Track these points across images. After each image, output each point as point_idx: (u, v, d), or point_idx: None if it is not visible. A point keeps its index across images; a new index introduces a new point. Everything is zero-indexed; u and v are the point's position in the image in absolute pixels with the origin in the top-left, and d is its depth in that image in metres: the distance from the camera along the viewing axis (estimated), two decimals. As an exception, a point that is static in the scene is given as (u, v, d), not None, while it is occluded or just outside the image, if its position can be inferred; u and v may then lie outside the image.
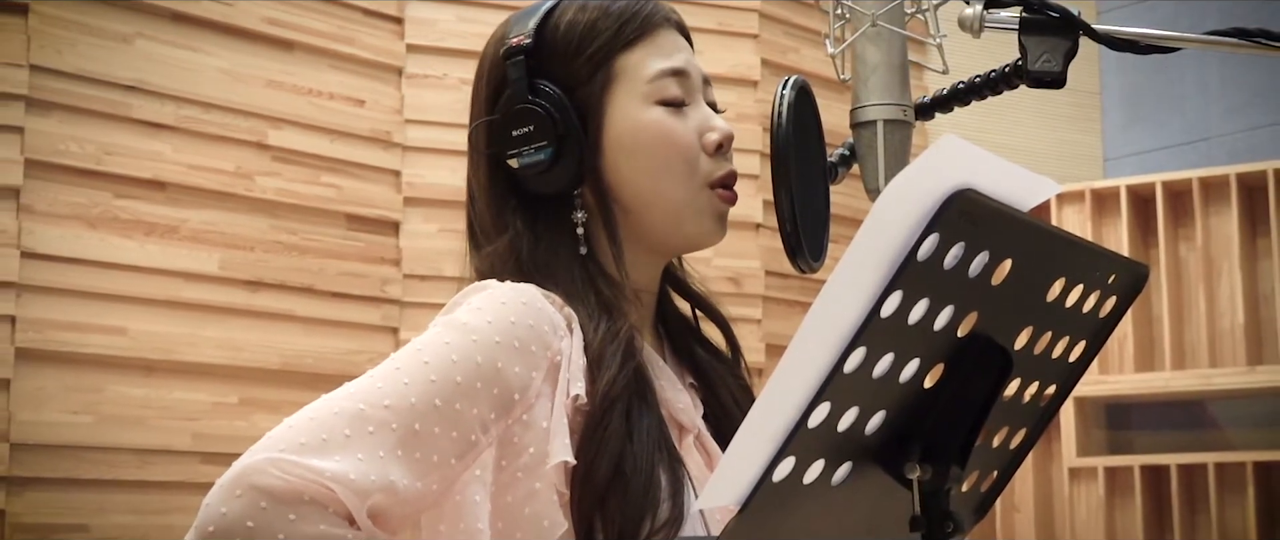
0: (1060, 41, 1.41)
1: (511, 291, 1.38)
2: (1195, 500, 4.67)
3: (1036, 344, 1.13)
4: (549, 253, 1.45)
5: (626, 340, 1.39)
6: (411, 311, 3.94)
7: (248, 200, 3.71)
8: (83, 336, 3.40)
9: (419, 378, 1.30)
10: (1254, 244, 4.75)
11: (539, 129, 1.44)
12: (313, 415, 1.27)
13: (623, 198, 1.47)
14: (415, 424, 1.28)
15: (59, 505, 3.32)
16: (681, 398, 1.47)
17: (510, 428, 1.33)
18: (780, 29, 4.67)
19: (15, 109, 3.34)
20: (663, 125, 1.47)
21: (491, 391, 1.32)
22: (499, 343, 1.33)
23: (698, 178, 1.47)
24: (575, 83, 1.47)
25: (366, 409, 1.27)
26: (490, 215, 1.49)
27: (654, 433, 1.37)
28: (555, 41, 1.48)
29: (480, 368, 1.31)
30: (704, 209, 1.48)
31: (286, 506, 1.21)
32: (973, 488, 1.20)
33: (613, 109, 1.47)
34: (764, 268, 4.44)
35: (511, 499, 1.33)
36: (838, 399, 1.00)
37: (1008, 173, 1.03)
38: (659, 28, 1.51)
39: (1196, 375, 4.68)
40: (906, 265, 0.98)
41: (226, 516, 1.21)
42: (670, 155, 1.46)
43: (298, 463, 1.22)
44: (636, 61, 1.48)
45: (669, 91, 1.48)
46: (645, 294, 1.52)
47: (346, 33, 3.93)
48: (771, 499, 1.01)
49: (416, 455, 1.27)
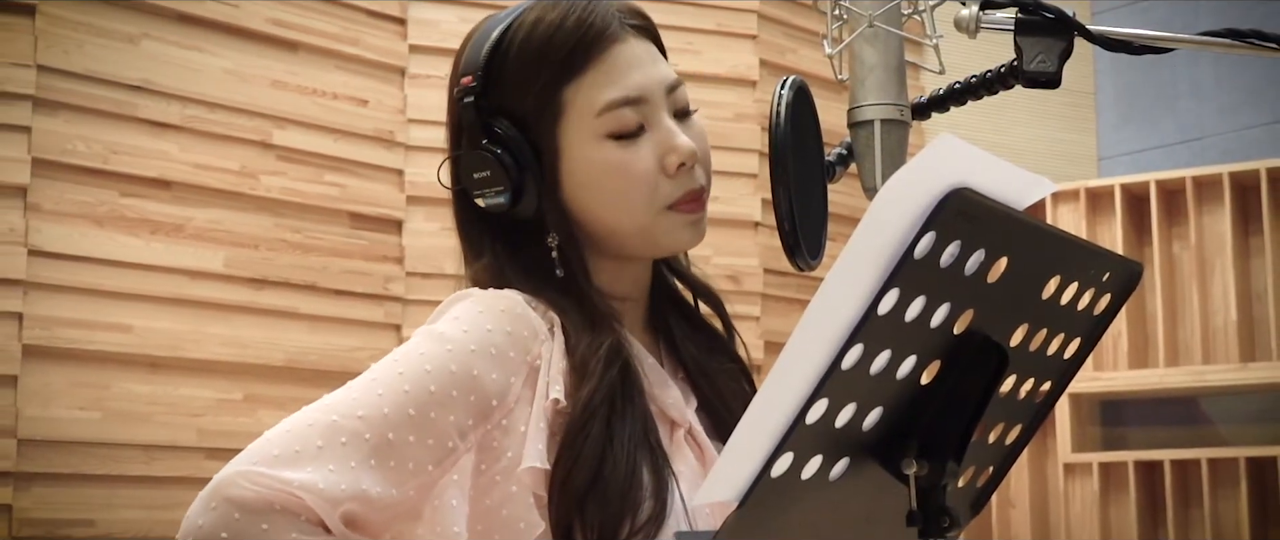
0: (1055, 42, 1.41)
1: (491, 299, 1.39)
2: (1189, 495, 4.67)
3: (1032, 341, 1.13)
4: (526, 274, 1.45)
5: (610, 351, 1.39)
6: (414, 308, 3.94)
7: (252, 199, 3.71)
8: (89, 333, 3.40)
9: (393, 388, 1.31)
10: (1247, 242, 4.75)
11: (494, 174, 1.43)
12: (288, 428, 1.29)
13: (587, 227, 1.46)
14: (389, 433, 1.29)
15: (66, 500, 3.32)
16: (672, 393, 1.47)
17: (489, 433, 1.34)
18: (779, 30, 4.67)
19: (23, 108, 3.34)
20: (614, 162, 1.42)
21: (468, 399, 1.33)
22: (474, 351, 1.34)
23: (657, 203, 1.44)
24: (525, 118, 1.44)
25: (340, 420, 1.29)
26: (468, 243, 1.50)
27: (637, 435, 1.37)
28: (504, 76, 1.44)
29: (455, 376, 1.33)
30: (670, 228, 1.45)
31: (258, 516, 1.23)
32: (969, 483, 1.20)
33: (565, 144, 1.43)
34: (763, 265, 4.44)
35: (490, 502, 1.34)
36: (835, 395, 1.00)
37: (1003, 172, 1.03)
38: (611, 46, 1.44)
39: (1190, 372, 4.68)
40: (903, 263, 0.98)
41: (203, 528, 1.23)
42: (626, 189, 1.43)
43: (267, 474, 1.25)
44: (587, 92, 1.42)
45: (621, 121, 1.42)
46: (632, 301, 1.52)
47: (350, 33, 3.93)
48: (770, 494, 1.01)
49: (391, 463, 1.29)
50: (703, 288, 1.61)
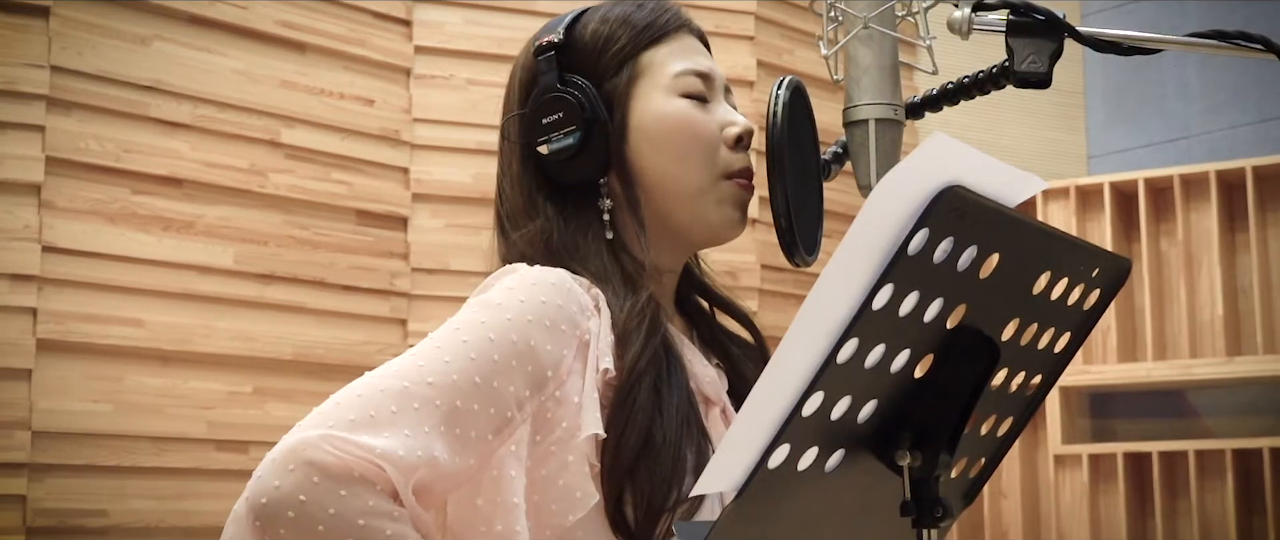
0: (1046, 43, 1.41)
1: (542, 274, 1.38)
2: (1176, 486, 4.67)
3: (1023, 335, 1.13)
4: (577, 236, 1.46)
5: (652, 316, 1.40)
6: (419, 303, 3.94)
7: (261, 196, 3.71)
8: (102, 328, 3.40)
9: (459, 356, 1.30)
10: (1233, 239, 4.75)
11: (567, 115, 1.46)
12: (360, 393, 1.27)
13: (646, 183, 1.47)
14: (457, 400, 1.28)
15: (79, 491, 3.32)
16: (708, 371, 1.48)
17: (544, 404, 1.33)
18: (776, 31, 4.67)
19: (37, 108, 3.34)
20: (685, 114, 1.47)
21: (526, 368, 1.32)
22: (531, 321, 1.33)
23: (717, 167, 1.47)
24: (602, 77, 1.48)
25: (411, 386, 1.27)
26: (521, 202, 1.50)
27: (682, 408, 1.38)
28: (584, 40, 1.49)
29: (515, 345, 1.32)
30: (724, 197, 1.48)
31: (337, 483, 1.21)
32: (961, 474, 1.20)
33: (637, 99, 1.48)
34: (760, 261, 4.44)
35: (546, 472, 1.33)
36: (831, 388, 1.00)
37: (995, 170, 1.03)
38: (683, 33, 1.52)
39: (1177, 366, 4.68)
40: (898, 259, 0.98)
41: (279, 489, 1.21)
42: (691, 142, 1.46)
43: (349, 440, 1.23)
44: (661, 59, 1.49)
45: (692, 86, 1.48)
46: (668, 275, 1.52)
47: (357, 35, 3.93)
48: (767, 485, 1.01)
49: (457, 431, 1.28)
50: (728, 302, 1.61)
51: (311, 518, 1.20)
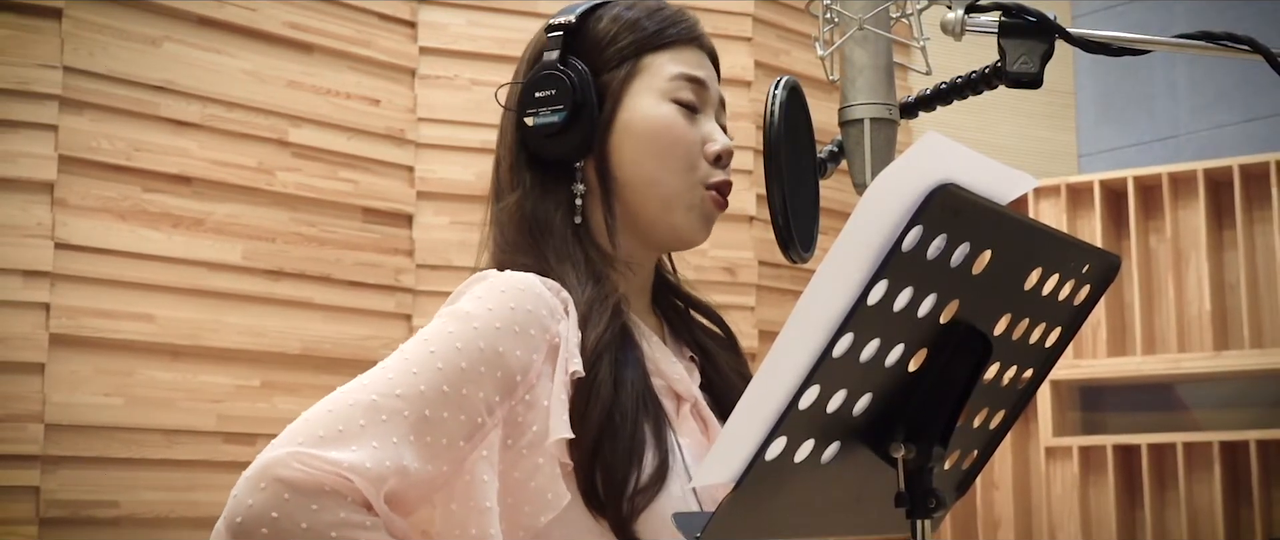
0: (1037, 44, 1.40)
1: (511, 279, 1.39)
2: (1165, 478, 4.67)
3: (1015, 330, 1.13)
4: (548, 212, 1.48)
5: (613, 303, 1.41)
6: (423, 299, 3.94)
7: (269, 194, 3.71)
8: (113, 323, 3.40)
9: (426, 366, 1.31)
10: (1220, 236, 4.75)
11: (558, 93, 1.48)
12: (330, 408, 1.29)
13: (622, 178, 1.48)
14: (425, 410, 1.29)
15: (90, 483, 3.32)
16: (677, 369, 1.48)
17: (514, 408, 1.34)
18: (772, 32, 4.67)
19: (50, 108, 3.33)
20: (670, 120, 1.49)
21: (495, 375, 1.33)
22: (499, 328, 1.34)
23: (694, 176, 1.49)
24: (602, 68, 1.50)
25: (379, 399, 1.29)
26: (506, 169, 1.52)
27: (638, 384, 1.39)
28: (594, 30, 1.52)
29: (483, 353, 1.33)
30: (694, 204, 1.49)
31: (308, 497, 1.23)
32: (954, 466, 1.20)
33: (629, 97, 1.49)
34: (757, 258, 4.44)
35: (518, 475, 1.34)
36: (827, 382, 1.00)
37: (987, 168, 1.03)
38: (691, 44, 1.54)
39: (1166, 360, 4.67)
40: (892, 256, 0.98)
41: (253, 508, 1.22)
42: (672, 148, 1.48)
43: (316, 455, 1.24)
44: (662, 62, 1.51)
45: (684, 94, 1.50)
46: (639, 272, 1.53)
47: (363, 36, 3.93)
48: (764, 476, 1.01)
49: (427, 439, 1.29)
50: (699, 302, 1.63)
51: (286, 532, 1.22)
